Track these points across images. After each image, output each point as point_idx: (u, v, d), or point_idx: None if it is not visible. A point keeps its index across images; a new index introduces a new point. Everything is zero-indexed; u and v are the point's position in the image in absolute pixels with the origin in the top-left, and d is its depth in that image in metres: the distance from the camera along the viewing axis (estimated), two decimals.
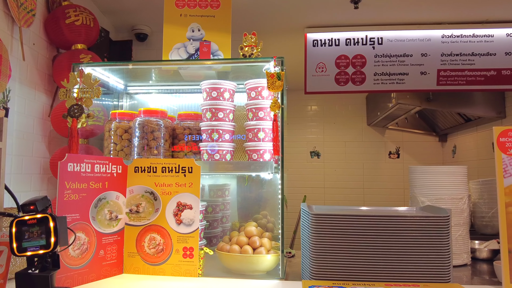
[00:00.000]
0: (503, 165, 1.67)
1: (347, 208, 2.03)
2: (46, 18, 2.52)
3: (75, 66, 1.98)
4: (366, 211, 1.91)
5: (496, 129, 1.70)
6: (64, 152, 2.41)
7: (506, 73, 3.65)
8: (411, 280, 1.63)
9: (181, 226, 1.79)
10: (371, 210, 1.95)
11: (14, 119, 2.23)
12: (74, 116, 1.89)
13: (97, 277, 1.71)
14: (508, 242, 1.63)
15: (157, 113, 2.07)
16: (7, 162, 2.15)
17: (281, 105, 1.82)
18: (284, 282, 1.73)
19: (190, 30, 2.11)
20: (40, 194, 2.42)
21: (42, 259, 1.41)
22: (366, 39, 3.71)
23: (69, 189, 1.61)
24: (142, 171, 1.84)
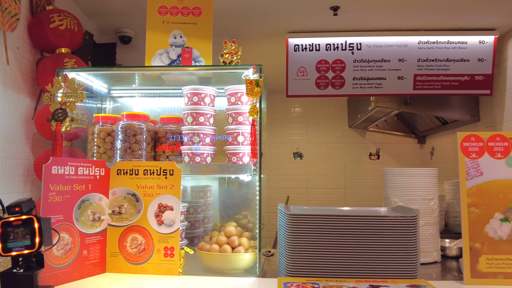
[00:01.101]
0: (466, 168, 1.78)
1: (323, 208, 2.12)
2: (30, 22, 2.55)
3: (59, 71, 2.04)
4: (339, 212, 2.01)
5: (460, 134, 1.81)
6: (48, 154, 2.45)
7: (479, 79, 3.80)
8: (381, 276, 1.73)
9: (162, 227, 1.86)
10: (344, 211, 2.04)
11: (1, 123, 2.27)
12: (58, 120, 1.94)
13: (80, 276, 1.77)
14: (470, 240, 1.74)
15: (140, 117, 2.13)
16: None
17: (259, 110, 1.90)
18: (261, 279, 1.81)
19: (173, 36, 2.18)
20: (23, 196, 2.47)
21: (26, 258, 1.47)
22: (346, 45, 3.82)
23: (53, 191, 1.67)
24: (124, 173, 1.90)
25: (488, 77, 3.81)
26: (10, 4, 2.27)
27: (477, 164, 1.78)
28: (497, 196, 1.75)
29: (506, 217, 1.73)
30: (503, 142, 1.78)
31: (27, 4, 2.54)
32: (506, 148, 1.78)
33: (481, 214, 1.75)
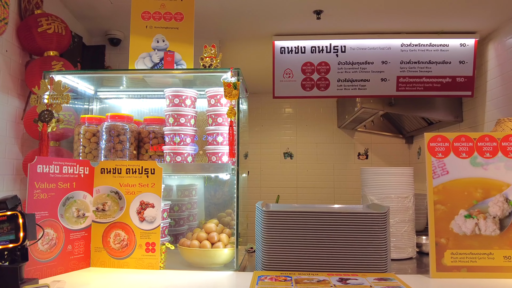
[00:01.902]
0: (432, 167, 1.87)
1: (298, 206, 2.21)
2: (18, 26, 2.63)
3: (46, 74, 2.11)
4: (312, 208, 2.09)
5: (427, 135, 1.90)
6: (36, 154, 2.53)
7: (460, 80, 3.90)
8: (352, 270, 1.82)
9: (144, 223, 1.94)
10: (317, 207, 2.13)
11: None
12: (45, 121, 2.02)
13: (65, 270, 1.85)
14: (436, 236, 1.83)
15: (123, 118, 2.21)
16: None
17: (237, 112, 1.99)
18: (238, 273, 1.90)
19: (155, 40, 2.26)
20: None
21: (11, 252, 1.54)
22: (330, 47, 3.92)
23: (38, 188, 1.75)
24: (107, 172, 1.98)
25: (469, 79, 3.91)
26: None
27: (443, 164, 1.87)
28: (462, 194, 1.84)
29: (470, 214, 1.82)
30: (468, 143, 1.88)
31: (15, 8, 2.62)
32: (470, 148, 1.87)
33: (446, 211, 1.84)
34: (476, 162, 1.87)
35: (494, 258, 1.79)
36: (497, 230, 1.81)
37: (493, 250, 1.79)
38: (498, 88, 3.75)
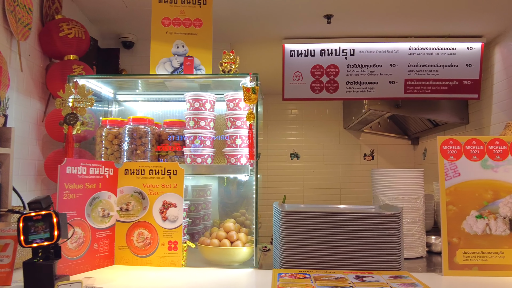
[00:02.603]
0: (444, 169, 1.94)
1: (314, 206, 2.28)
2: (40, 31, 2.71)
3: (70, 78, 2.19)
4: (329, 209, 2.17)
5: (439, 139, 1.98)
6: (58, 155, 2.61)
7: (467, 83, 3.97)
8: (367, 268, 1.89)
9: (166, 222, 2.02)
10: (334, 208, 2.20)
11: (12, 126, 2.42)
12: (70, 124, 2.10)
13: (91, 267, 1.93)
14: (448, 235, 1.91)
15: (145, 121, 2.29)
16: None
17: (255, 115, 2.06)
18: (257, 271, 1.97)
19: (175, 46, 2.34)
20: (35, 194, 2.63)
21: (45, 250, 1.62)
22: (339, 51, 3.99)
23: (67, 189, 1.82)
24: (131, 173, 2.06)
25: (476, 82, 3.98)
26: (23, 15, 2.42)
27: (455, 166, 1.94)
28: (473, 195, 1.92)
29: (481, 214, 1.90)
30: (479, 146, 1.95)
31: (37, 13, 2.70)
32: (481, 151, 1.95)
33: (458, 211, 1.91)
34: (486, 165, 1.94)
35: (504, 257, 1.86)
36: (507, 230, 1.88)
37: (503, 249, 1.87)
38: (504, 91, 3.82)
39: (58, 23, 2.65)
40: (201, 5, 2.37)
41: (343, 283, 1.68)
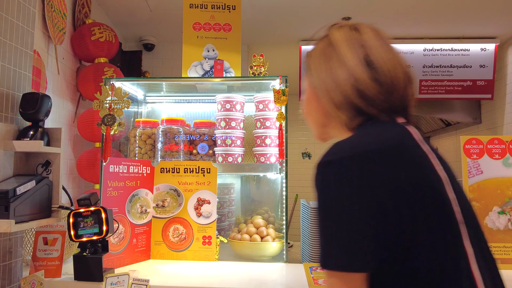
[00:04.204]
0: (468, 167, 2.03)
1: None
2: (72, 35, 2.82)
3: (106, 81, 2.29)
4: None
5: (463, 138, 2.06)
6: (90, 154, 2.72)
7: (480, 84, 4.05)
8: None
9: (200, 218, 2.12)
10: None
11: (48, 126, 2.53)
12: (108, 125, 2.20)
13: (130, 261, 2.03)
14: None
15: (177, 121, 2.39)
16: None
17: (285, 116, 2.16)
18: (288, 265, 2.07)
19: (206, 50, 2.44)
20: None
21: (93, 244, 1.72)
22: None
23: (110, 186, 1.93)
24: (167, 171, 2.16)
25: (489, 83, 4.05)
26: (58, 20, 2.53)
27: (478, 164, 2.03)
28: (495, 192, 2.00)
29: (503, 210, 1.98)
30: (501, 145, 2.04)
31: (70, 18, 2.81)
32: (503, 150, 2.03)
33: (481, 207, 2.00)
34: (508, 163, 2.03)
35: None
36: None
37: None
38: None
39: (90, 27, 2.76)
40: (230, 10, 2.47)
41: None
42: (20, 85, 1.70)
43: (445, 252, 0.82)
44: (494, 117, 4.30)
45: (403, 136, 0.91)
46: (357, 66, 0.95)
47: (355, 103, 0.95)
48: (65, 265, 1.85)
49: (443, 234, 0.82)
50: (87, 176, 2.73)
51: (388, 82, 0.94)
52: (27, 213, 1.53)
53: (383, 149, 0.85)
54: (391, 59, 0.96)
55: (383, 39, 1.00)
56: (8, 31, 1.60)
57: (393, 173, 0.82)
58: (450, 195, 0.87)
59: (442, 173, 0.89)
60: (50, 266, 1.77)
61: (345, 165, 0.82)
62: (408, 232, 0.80)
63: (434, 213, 0.82)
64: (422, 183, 0.84)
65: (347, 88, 0.95)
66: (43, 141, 1.61)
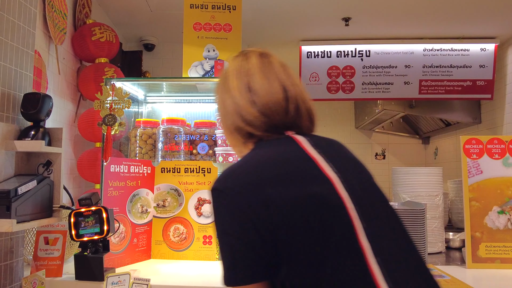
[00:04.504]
0: (467, 167, 2.04)
1: None
2: (73, 35, 2.82)
3: (107, 81, 2.30)
4: None
5: (462, 138, 2.07)
6: (91, 154, 2.72)
7: (480, 84, 4.05)
8: None
9: (201, 218, 2.12)
10: None
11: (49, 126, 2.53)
12: (109, 125, 2.21)
13: (131, 261, 2.03)
14: (471, 230, 2.00)
15: (178, 121, 2.39)
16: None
17: None
18: None
19: (206, 50, 2.45)
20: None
21: (94, 244, 1.73)
22: (355, 52, 4.08)
23: (111, 186, 1.93)
24: (167, 171, 2.17)
25: (489, 83, 4.06)
26: (59, 20, 2.53)
27: (478, 164, 2.04)
28: (495, 191, 2.01)
29: (502, 210, 1.99)
30: (500, 145, 2.04)
31: (70, 18, 2.81)
32: (502, 150, 2.04)
33: (481, 207, 2.01)
34: (508, 163, 2.03)
35: None
36: None
37: None
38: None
39: (91, 27, 2.76)
40: (231, 10, 2.48)
41: None
42: (21, 85, 1.70)
43: (333, 254, 0.85)
44: (494, 117, 4.31)
45: (288, 150, 0.98)
46: (240, 93, 1.05)
47: (241, 127, 1.05)
48: (66, 264, 1.86)
49: (327, 237, 0.86)
50: (87, 176, 2.74)
51: (266, 106, 1.02)
52: (29, 213, 1.54)
53: (261, 172, 0.92)
54: (269, 83, 1.05)
55: (267, 64, 1.09)
56: (9, 31, 1.61)
57: (270, 194, 0.88)
58: (342, 193, 0.91)
59: (332, 174, 0.93)
60: (51, 266, 1.78)
61: (226, 193, 0.90)
62: (286, 247, 0.85)
63: (315, 220, 0.87)
64: (300, 196, 0.88)
65: (233, 114, 1.06)
66: (44, 141, 1.62)
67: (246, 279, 0.87)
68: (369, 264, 0.84)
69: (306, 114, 1.08)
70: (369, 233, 0.87)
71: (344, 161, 1.01)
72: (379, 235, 0.89)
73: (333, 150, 1.04)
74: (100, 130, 2.29)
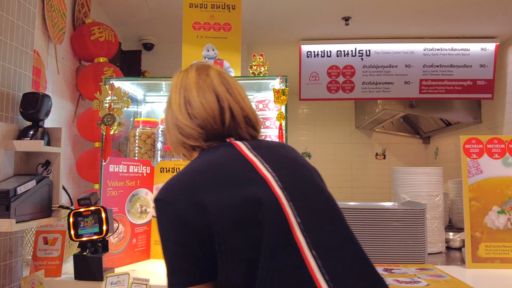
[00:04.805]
0: (467, 167, 2.03)
1: (344, 203, 2.37)
2: (72, 34, 2.82)
3: (106, 80, 2.30)
4: (356, 205, 2.26)
5: (462, 138, 2.06)
6: (90, 154, 2.72)
7: (480, 83, 4.05)
8: (394, 261, 1.98)
9: None
10: (360, 205, 2.30)
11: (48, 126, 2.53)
12: (108, 124, 2.20)
13: (130, 261, 2.03)
14: (471, 230, 1.99)
15: None
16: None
17: (285, 116, 2.16)
18: None
19: (206, 49, 2.44)
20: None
21: (94, 244, 1.73)
22: (356, 51, 4.08)
23: (110, 186, 1.93)
24: (167, 171, 2.16)
25: (490, 82, 4.05)
26: (58, 19, 2.53)
27: (478, 164, 2.03)
28: (495, 191, 2.00)
29: (502, 210, 1.98)
30: (500, 145, 2.04)
31: (69, 17, 2.81)
32: (502, 149, 2.03)
33: (481, 207, 2.00)
34: (508, 162, 2.03)
35: None
36: None
37: None
38: None
39: (90, 27, 2.76)
40: (230, 9, 2.47)
41: None
42: (20, 85, 1.70)
43: (269, 250, 0.88)
44: (495, 116, 4.30)
45: (227, 156, 1.03)
46: (179, 108, 1.11)
47: (183, 140, 1.11)
48: (65, 264, 1.86)
49: (262, 235, 0.89)
50: (86, 176, 2.73)
51: (203, 118, 1.08)
52: (28, 213, 1.53)
53: (196, 179, 0.97)
54: (204, 96, 1.10)
55: (204, 77, 1.14)
56: (8, 31, 1.60)
57: (204, 199, 0.92)
58: (278, 191, 0.95)
59: (268, 174, 0.98)
60: (50, 266, 1.77)
61: (165, 202, 0.96)
62: (222, 248, 0.90)
63: (250, 220, 0.91)
64: (235, 197, 0.93)
65: (174, 128, 1.12)
66: (44, 141, 1.61)
67: (187, 283, 0.92)
68: (306, 258, 0.88)
69: (243, 121, 1.12)
70: (305, 228, 0.91)
71: (282, 161, 1.05)
72: (315, 229, 0.93)
73: (272, 152, 1.07)
74: (99, 130, 2.29)
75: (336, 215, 1.01)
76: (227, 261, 0.90)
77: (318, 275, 0.86)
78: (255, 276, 0.88)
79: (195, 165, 1.03)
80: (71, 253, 1.99)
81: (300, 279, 0.86)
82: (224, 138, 1.10)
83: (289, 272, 0.87)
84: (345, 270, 0.90)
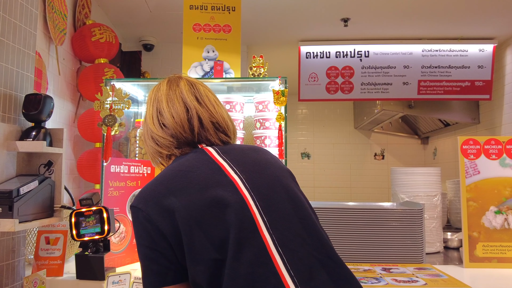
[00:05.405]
0: (465, 167, 2.05)
1: (339, 203, 2.40)
2: (73, 36, 2.83)
3: (107, 81, 2.31)
4: (355, 206, 2.29)
5: (460, 138, 2.09)
6: (90, 154, 2.74)
7: (479, 84, 4.07)
8: (392, 261, 2.01)
9: None
10: (359, 205, 2.32)
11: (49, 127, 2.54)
12: (109, 125, 2.22)
13: (131, 261, 2.04)
14: (469, 230, 2.02)
15: None
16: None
17: (285, 117, 2.18)
18: None
19: (206, 51, 2.46)
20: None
21: (95, 243, 1.74)
22: (354, 52, 4.10)
23: (111, 186, 1.95)
24: None
25: (488, 83, 4.08)
26: (59, 21, 2.55)
27: (475, 164, 2.05)
28: (492, 191, 2.03)
29: (499, 210, 2.01)
30: (497, 145, 2.06)
31: (70, 19, 2.82)
32: (499, 150, 2.06)
33: (478, 207, 2.02)
34: (505, 163, 2.05)
35: None
36: None
37: None
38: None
39: (91, 28, 2.78)
40: (230, 11, 2.49)
41: (372, 274, 1.79)
42: (22, 86, 1.72)
43: (236, 249, 0.92)
44: (493, 117, 4.33)
45: (197, 161, 1.08)
46: (152, 119, 1.18)
47: (158, 150, 1.17)
48: (67, 264, 1.87)
49: (229, 234, 0.94)
50: (87, 176, 2.75)
51: (173, 127, 1.14)
52: (30, 213, 1.55)
53: (166, 184, 1.02)
54: (173, 106, 1.15)
55: (174, 88, 1.19)
56: (11, 33, 1.62)
57: (173, 203, 0.98)
58: (245, 192, 1.00)
59: (236, 176, 1.03)
60: (52, 265, 1.79)
61: (138, 209, 1.01)
62: (191, 249, 0.95)
63: (217, 220, 0.96)
64: (202, 200, 0.98)
65: (150, 139, 1.19)
66: (46, 142, 1.63)
67: (159, 283, 0.97)
68: (272, 255, 0.92)
69: (212, 128, 1.16)
70: (271, 227, 0.96)
71: (252, 164, 1.10)
72: (281, 228, 0.97)
73: (242, 156, 1.12)
74: (99, 130, 2.31)
75: (303, 213, 1.04)
76: (194, 261, 0.94)
77: (285, 272, 0.90)
78: (221, 275, 0.92)
79: (166, 172, 1.08)
80: (73, 253, 2.01)
81: (267, 276, 0.90)
82: (195, 145, 1.16)
83: (256, 268, 0.91)
84: (312, 268, 0.94)
